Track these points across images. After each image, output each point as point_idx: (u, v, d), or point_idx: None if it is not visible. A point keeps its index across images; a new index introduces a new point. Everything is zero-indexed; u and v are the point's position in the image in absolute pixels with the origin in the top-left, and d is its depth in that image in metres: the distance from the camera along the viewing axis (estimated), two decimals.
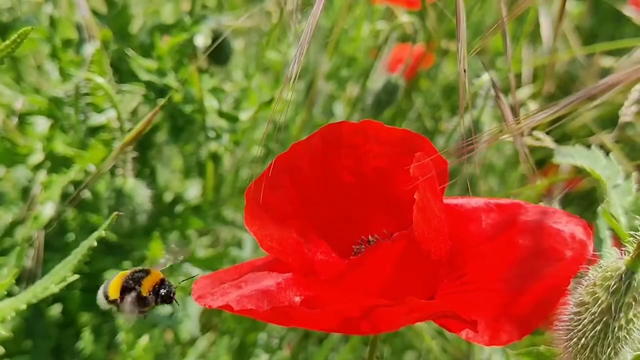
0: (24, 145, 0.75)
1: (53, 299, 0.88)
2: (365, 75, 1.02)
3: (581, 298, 0.39)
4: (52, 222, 0.78)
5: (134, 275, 0.51)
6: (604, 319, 0.37)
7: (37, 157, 0.75)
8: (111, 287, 0.52)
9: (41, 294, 0.53)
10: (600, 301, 0.37)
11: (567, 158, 0.66)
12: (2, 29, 0.95)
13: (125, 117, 0.68)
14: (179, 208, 0.82)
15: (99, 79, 0.66)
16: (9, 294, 0.58)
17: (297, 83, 1.06)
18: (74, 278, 0.56)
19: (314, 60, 1.04)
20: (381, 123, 0.47)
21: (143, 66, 0.77)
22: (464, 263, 0.48)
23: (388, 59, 1.09)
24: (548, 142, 0.63)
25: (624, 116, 0.52)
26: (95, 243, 0.51)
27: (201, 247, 0.94)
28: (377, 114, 0.87)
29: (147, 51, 0.81)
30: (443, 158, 0.47)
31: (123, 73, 0.80)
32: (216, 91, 0.79)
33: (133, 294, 0.50)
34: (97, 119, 0.75)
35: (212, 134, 0.80)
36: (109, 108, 0.75)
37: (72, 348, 0.91)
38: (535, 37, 1.18)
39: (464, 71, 0.46)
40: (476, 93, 0.79)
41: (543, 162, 1.16)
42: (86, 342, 0.82)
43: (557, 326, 0.45)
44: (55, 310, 0.92)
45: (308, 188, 0.48)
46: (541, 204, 0.54)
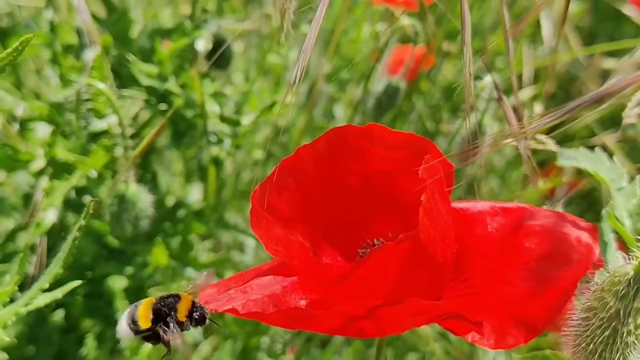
0: (26, 151, 0.74)
1: (56, 305, 0.87)
2: (366, 77, 1.02)
3: (589, 303, 0.39)
4: (54, 228, 0.77)
5: (165, 301, 0.49)
6: (613, 324, 0.37)
7: (39, 164, 0.75)
8: (140, 317, 0.48)
9: (38, 295, 0.53)
10: (608, 306, 0.37)
11: (570, 161, 0.65)
12: (2, 34, 0.95)
13: (126, 123, 0.67)
14: (181, 213, 0.82)
15: (101, 85, 0.66)
16: (12, 301, 0.58)
17: (299, 85, 1.06)
18: (77, 283, 0.56)
19: (315, 62, 1.04)
20: (386, 127, 0.47)
21: (144, 71, 0.77)
22: (470, 266, 0.48)
23: (388, 61, 1.08)
24: (551, 145, 0.62)
25: (628, 118, 0.52)
26: (78, 234, 0.51)
27: (203, 251, 0.94)
28: (379, 117, 0.87)
29: (148, 56, 0.81)
30: (449, 161, 0.47)
31: (123, 78, 0.80)
32: (217, 96, 0.79)
33: (169, 320, 0.48)
34: (99, 125, 0.75)
35: (214, 139, 0.79)
36: (110, 114, 0.75)
37: (75, 354, 0.91)
38: (535, 37, 1.18)
39: (470, 75, 0.46)
40: (478, 95, 0.79)
41: (544, 163, 1.16)
42: (89, 348, 0.82)
43: (565, 331, 0.44)
44: (57, 316, 0.92)
45: (313, 191, 0.48)
46: (545, 207, 0.54)
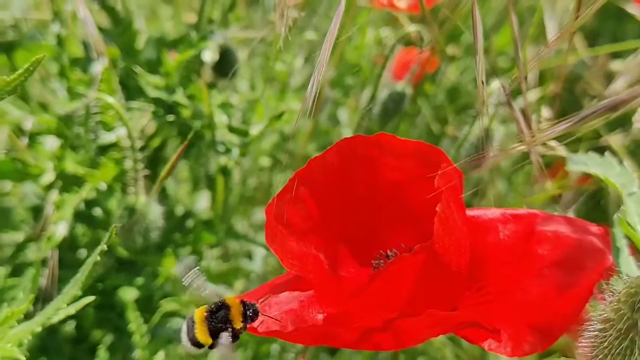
0: (35, 165, 0.75)
1: (67, 316, 0.88)
2: (370, 83, 1.02)
3: (605, 314, 0.39)
4: (64, 240, 0.78)
5: (216, 316, 0.48)
6: (630, 336, 0.37)
7: (49, 177, 0.75)
8: (199, 335, 0.48)
9: (54, 315, 0.54)
10: (625, 318, 0.37)
11: (580, 166, 0.65)
12: (8, 47, 0.95)
13: (135, 136, 0.68)
14: (190, 223, 0.82)
15: (110, 99, 0.67)
16: (26, 316, 0.58)
17: (304, 92, 1.06)
18: (90, 299, 0.56)
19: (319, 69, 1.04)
20: (395, 136, 0.47)
21: (151, 83, 0.77)
22: (484, 274, 0.48)
23: (393, 64, 1.08)
24: (561, 151, 0.62)
25: (637, 122, 0.52)
26: (99, 258, 0.51)
27: (212, 259, 0.94)
28: (385, 123, 0.87)
29: (154, 67, 0.81)
30: (459, 170, 0.47)
31: (130, 89, 0.80)
32: (225, 106, 0.79)
33: (228, 334, 0.48)
34: (107, 138, 0.75)
35: (222, 148, 0.80)
36: (119, 126, 0.75)
37: None
38: (538, 38, 1.18)
39: (483, 83, 0.46)
40: (486, 100, 0.79)
41: (550, 163, 1.16)
42: (102, 359, 0.82)
43: (582, 342, 0.45)
44: (69, 327, 0.93)
45: (326, 203, 0.49)
46: (554, 211, 0.54)
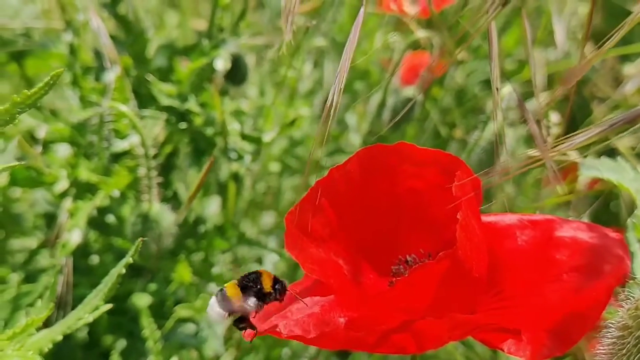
0: (50, 173, 0.75)
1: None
2: (379, 87, 1.02)
3: (624, 322, 0.39)
4: (78, 246, 0.78)
5: (248, 278, 0.50)
6: None
7: (63, 185, 0.76)
8: (231, 296, 0.50)
9: (75, 325, 0.54)
10: None
11: (593, 171, 0.66)
12: (18, 55, 0.96)
13: (149, 144, 0.68)
14: (202, 229, 0.82)
15: (123, 107, 0.67)
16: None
17: (313, 98, 1.07)
18: (107, 307, 0.56)
19: (329, 74, 1.05)
20: (414, 145, 0.48)
21: (163, 91, 0.77)
22: (501, 280, 0.49)
23: (401, 69, 1.09)
24: (575, 157, 0.63)
25: None
26: (123, 270, 0.52)
27: (224, 265, 0.95)
28: (395, 128, 0.88)
29: (165, 75, 0.82)
30: (478, 177, 0.47)
31: (142, 97, 0.81)
32: (238, 114, 0.79)
33: (257, 293, 0.49)
34: (120, 145, 0.76)
35: (234, 155, 0.80)
36: (132, 134, 0.75)
37: None
38: (545, 40, 1.19)
39: (497, 90, 0.47)
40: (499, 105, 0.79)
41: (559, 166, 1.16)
42: None
43: (599, 349, 0.45)
44: (81, 332, 0.93)
45: (346, 211, 0.49)
46: (570, 218, 0.54)
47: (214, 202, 1.02)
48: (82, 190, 0.76)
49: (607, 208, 1.24)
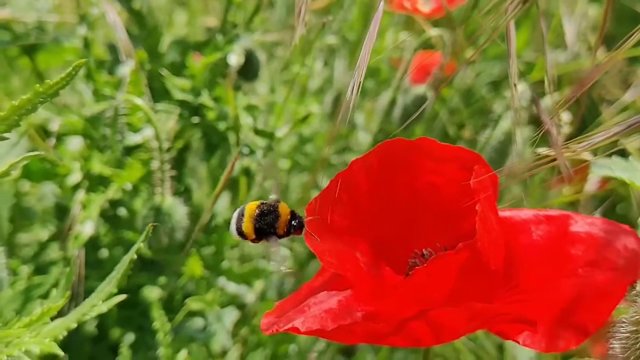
0: (63, 165, 0.76)
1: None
2: (389, 86, 1.02)
3: (637, 317, 0.40)
4: (89, 239, 0.79)
5: (266, 218, 0.52)
6: None
7: (76, 177, 0.76)
8: (246, 227, 0.52)
9: (90, 312, 0.54)
10: None
11: (605, 170, 0.66)
12: (31, 49, 0.97)
13: (163, 137, 0.68)
14: (213, 223, 0.83)
15: (138, 101, 0.67)
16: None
17: (324, 96, 1.07)
18: (122, 297, 0.56)
19: (340, 73, 1.05)
20: (435, 140, 0.48)
21: (177, 85, 0.78)
22: (517, 273, 0.49)
23: (412, 68, 1.09)
24: (586, 155, 0.63)
25: None
26: (135, 256, 0.52)
27: (233, 260, 0.95)
28: (407, 127, 0.88)
29: (178, 70, 0.82)
30: (495, 173, 0.48)
31: (156, 91, 0.81)
32: (251, 109, 0.80)
33: (270, 235, 0.52)
34: (134, 139, 0.76)
35: (246, 150, 0.81)
36: (145, 127, 0.76)
37: None
38: (554, 42, 1.19)
39: (515, 86, 0.47)
40: (508, 105, 0.80)
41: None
42: (125, 357, 0.83)
43: (613, 343, 0.45)
44: (90, 325, 0.93)
45: (364, 204, 0.50)
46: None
47: (224, 198, 1.02)
48: (95, 183, 0.77)
49: (614, 210, 1.24)
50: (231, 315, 0.92)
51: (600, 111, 1.12)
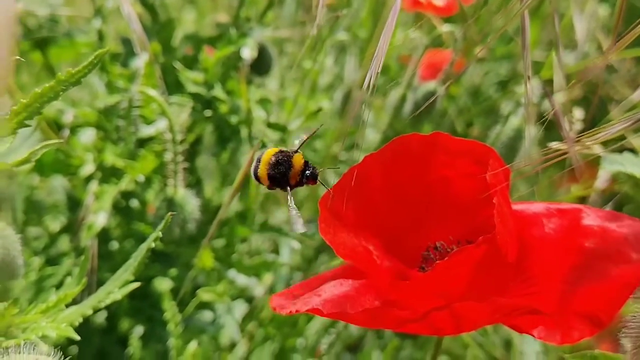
0: (77, 156, 0.76)
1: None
2: (398, 83, 1.03)
3: None
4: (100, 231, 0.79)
5: (279, 167, 0.53)
6: None
7: (89, 168, 0.77)
8: (261, 173, 0.54)
9: (106, 299, 0.55)
10: None
11: (616, 165, 0.66)
12: (42, 43, 0.97)
13: (177, 129, 0.69)
14: (224, 217, 0.83)
15: (153, 92, 0.68)
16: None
17: (334, 93, 1.08)
18: (136, 285, 0.57)
19: (350, 70, 1.05)
20: (450, 135, 0.49)
21: (190, 78, 0.78)
22: (529, 266, 0.49)
23: (421, 66, 1.09)
24: (597, 150, 0.63)
25: None
26: (153, 244, 0.52)
27: (243, 254, 0.96)
28: (416, 123, 0.88)
29: (191, 64, 0.83)
30: (508, 167, 0.48)
31: (169, 85, 0.82)
32: (264, 102, 0.80)
33: (282, 182, 0.53)
34: (147, 131, 0.77)
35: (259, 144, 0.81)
36: (158, 120, 0.76)
37: (115, 354, 0.92)
38: (564, 41, 1.19)
39: (528, 78, 0.47)
40: (518, 101, 0.80)
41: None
42: (135, 348, 0.84)
43: (625, 334, 0.46)
44: (99, 317, 0.94)
45: (378, 197, 0.50)
46: None
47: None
48: (108, 174, 0.77)
49: (621, 211, 1.24)
50: (240, 308, 0.93)
51: (609, 110, 1.12)
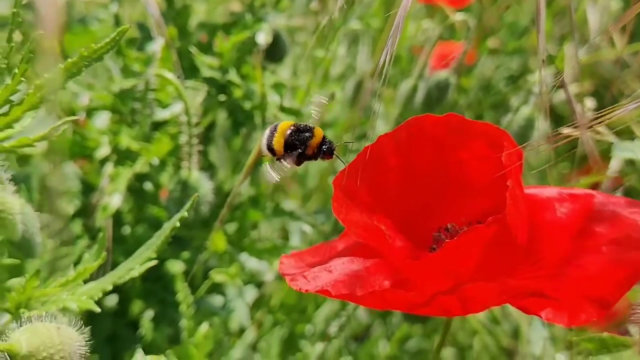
0: (93, 138, 0.77)
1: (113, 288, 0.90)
2: (409, 73, 1.03)
3: None
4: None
5: (299, 135, 0.53)
6: None
7: (104, 151, 0.78)
8: (276, 142, 0.54)
9: (126, 276, 0.55)
10: None
11: (626, 152, 0.67)
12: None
13: (192, 112, 0.70)
14: (237, 201, 0.84)
15: (169, 75, 0.69)
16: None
17: (345, 82, 1.08)
18: (154, 263, 0.57)
19: (363, 60, 1.06)
20: (464, 116, 0.49)
21: (206, 63, 0.79)
22: (540, 250, 0.50)
23: (432, 57, 1.10)
24: (609, 136, 0.64)
25: None
26: (178, 224, 0.53)
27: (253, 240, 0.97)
28: (428, 112, 0.89)
29: (206, 49, 0.84)
30: (521, 150, 0.49)
31: (184, 70, 0.82)
32: (278, 87, 0.81)
33: (297, 152, 0.53)
34: (162, 114, 0.78)
35: None
36: (174, 103, 0.77)
37: (127, 337, 0.93)
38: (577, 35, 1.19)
39: (543, 62, 0.48)
40: (530, 90, 0.81)
41: (584, 158, 1.16)
42: (146, 329, 0.85)
43: (632, 320, 0.46)
44: (110, 301, 0.95)
45: (391, 178, 0.51)
46: None
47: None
48: (123, 157, 0.78)
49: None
50: (251, 293, 0.94)
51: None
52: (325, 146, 0.53)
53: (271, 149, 0.55)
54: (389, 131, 0.51)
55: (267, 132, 0.55)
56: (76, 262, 0.77)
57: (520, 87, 1.25)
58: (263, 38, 0.80)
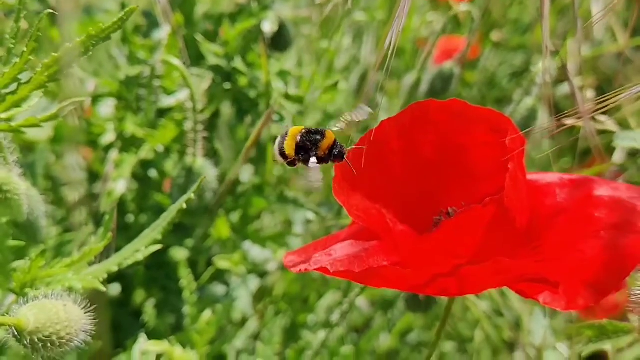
0: (98, 125, 0.78)
1: (116, 276, 0.91)
2: (413, 66, 1.04)
3: None
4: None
5: (310, 137, 0.54)
6: None
7: (110, 137, 0.79)
8: (287, 145, 0.54)
9: (131, 257, 0.56)
10: None
11: (628, 141, 0.67)
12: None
13: (198, 98, 0.70)
14: (241, 188, 0.85)
15: (176, 61, 0.70)
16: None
17: (349, 74, 1.09)
18: (159, 247, 0.57)
19: (367, 52, 1.06)
20: (466, 102, 0.50)
21: (211, 51, 0.80)
22: (540, 234, 0.50)
23: (436, 50, 1.10)
24: (611, 125, 0.64)
25: None
26: (184, 206, 0.53)
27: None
28: None
29: (212, 38, 0.84)
30: (524, 137, 0.49)
31: (190, 57, 0.83)
32: (283, 74, 0.82)
33: (310, 154, 0.53)
34: (167, 101, 0.78)
35: (276, 117, 0.82)
36: (179, 91, 0.78)
37: (129, 325, 0.94)
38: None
39: (547, 48, 0.48)
40: (532, 80, 0.81)
41: (586, 152, 1.17)
42: (150, 316, 0.86)
43: (631, 306, 0.47)
44: (115, 290, 0.95)
45: (394, 161, 0.52)
46: None
47: (248, 168, 1.04)
48: (128, 143, 0.79)
49: None
50: (254, 282, 0.94)
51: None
52: (336, 150, 0.53)
53: (283, 153, 0.55)
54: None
55: (279, 139, 0.55)
56: (81, 247, 0.78)
57: (522, 85, 1.26)
58: (269, 26, 0.80)
